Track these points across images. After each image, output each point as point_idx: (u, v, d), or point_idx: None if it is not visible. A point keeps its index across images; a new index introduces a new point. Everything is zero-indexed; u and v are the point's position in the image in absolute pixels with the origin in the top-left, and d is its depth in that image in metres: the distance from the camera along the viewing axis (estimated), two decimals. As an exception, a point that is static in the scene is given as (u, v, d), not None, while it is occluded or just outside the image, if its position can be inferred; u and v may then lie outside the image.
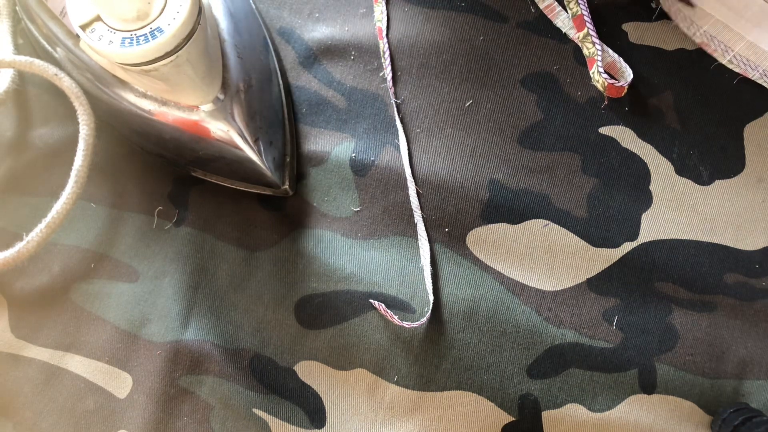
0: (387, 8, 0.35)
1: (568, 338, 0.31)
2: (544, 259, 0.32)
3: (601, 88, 0.31)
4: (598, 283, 0.32)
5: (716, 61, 0.33)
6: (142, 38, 0.25)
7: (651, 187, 0.33)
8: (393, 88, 0.34)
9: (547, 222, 0.32)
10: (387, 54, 0.33)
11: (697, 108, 0.33)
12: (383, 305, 0.31)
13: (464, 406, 0.31)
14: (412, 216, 0.33)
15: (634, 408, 0.31)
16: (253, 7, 0.35)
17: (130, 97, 0.30)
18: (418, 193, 0.33)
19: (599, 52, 0.32)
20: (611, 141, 0.33)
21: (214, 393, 0.32)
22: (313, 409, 0.32)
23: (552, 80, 0.34)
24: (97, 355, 0.33)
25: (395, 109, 0.34)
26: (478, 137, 0.34)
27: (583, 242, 0.32)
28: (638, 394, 0.31)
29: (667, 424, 0.30)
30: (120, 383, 0.32)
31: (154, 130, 0.31)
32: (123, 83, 0.30)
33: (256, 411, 0.32)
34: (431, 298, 0.32)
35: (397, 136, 0.34)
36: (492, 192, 0.33)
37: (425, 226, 0.33)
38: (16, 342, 0.33)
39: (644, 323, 0.31)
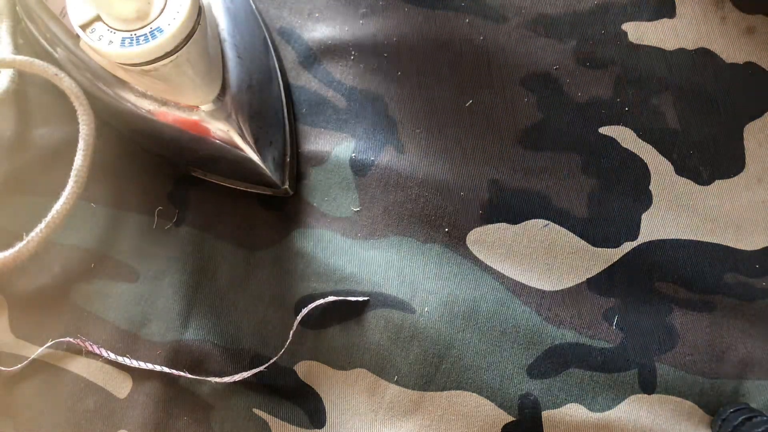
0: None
1: (568, 338, 0.31)
2: (544, 259, 0.32)
3: None
4: (598, 283, 0.32)
5: (717, 61, 0.33)
6: (142, 38, 0.25)
7: (651, 187, 0.33)
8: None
9: (547, 222, 0.32)
10: None
11: (697, 108, 0.33)
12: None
13: (464, 406, 0.31)
14: (412, 216, 0.33)
15: (634, 408, 0.31)
16: (253, 7, 0.35)
17: (130, 97, 0.30)
18: (418, 193, 0.33)
19: None
20: (611, 141, 0.33)
21: (214, 393, 0.32)
22: (313, 409, 0.32)
23: (552, 80, 0.34)
24: (97, 355, 0.33)
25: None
26: (478, 137, 0.34)
27: (583, 242, 0.32)
28: (638, 394, 0.31)
29: (667, 424, 0.30)
30: (120, 383, 0.32)
31: (154, 130, 0.31)
32: (123, 83, 0.30)
33: (256, 411, 0.32)
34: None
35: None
36: (492, 192, 0.33)
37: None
38: (16, 342, 0.33)
39: (644, 323, 0.31)
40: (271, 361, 0.32)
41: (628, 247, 0.32)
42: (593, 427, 0.30)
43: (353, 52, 0.35)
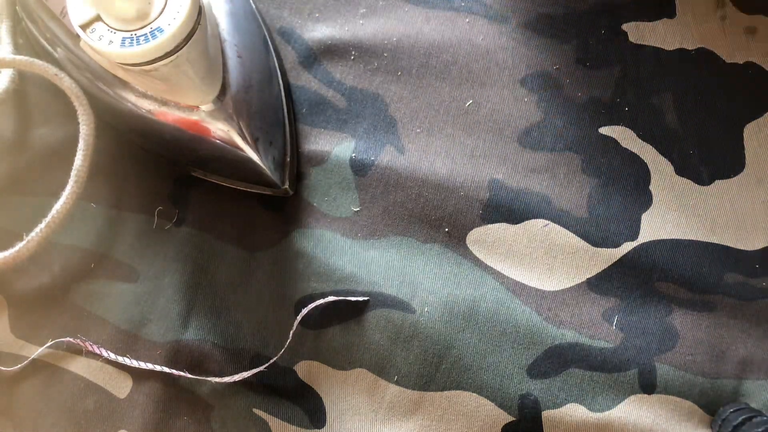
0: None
1: (568, 338, 0.31)
2: (544, 259, 0.32)
3: None
4: (598, 283, 0.32)
5: (717, 61, 0.33)
6: (142, 38, 0.25)
7: (651, 187, 0.33)
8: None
9: (547, 222, 0.32)
10: None
11: (697, 108, 0.33)
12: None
13: (464, 406, 0.31)
14: (412, 216, 0.33)
15: (634, 408, 0.31)
16: (253, 7, 0.35)
17: (130, 97, 0.30)
18: (418, 193, 0.33)
19: None
20: (611, 141, 0.33)
21: (214, 393, 0.32)
22: (313, 409, 0.32)
23: (552, 80, 0.34)
24: (97, 355, 0.33)
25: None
26: (478, 137, 0.34)
27: (583, 242, 0.32)
28: (638, 394, 0.31)
29: (667, 424, 0.30)
30: (120, 383, 0.32)
31: (154, 130, 0.31)
32: (123, 83, 0.30)
33: (256, 411, 0.32)
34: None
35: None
36: (492, 192, 0.33)
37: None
38: (16, 342, 0.33)
39: (644, 323, 0.31)
40: (271, 361, 0.32)
41: (628, 247, 0.32)
42: (593, 427, 0.30)
43: (353, 52, 0.35)
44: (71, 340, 0.32)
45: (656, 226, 0.32)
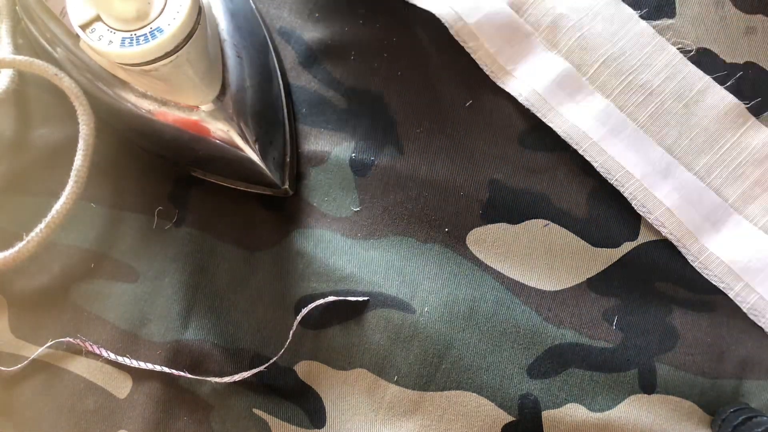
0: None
1: (568, 338, 0.31)
2: (544, 259, 0.32)
3: None
4: (598, 283, 0.32)
5: (717, 61, 0.33)
6: (142, 38, 0.25)
7: (651, 187, 0.33)
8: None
9: (547, 222, 0.32)
10: None
11: (697, 108, 0.33)
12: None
13: (464, 406, 0.31)
14: (412, 216, 0.33)
15: (634, 408, 0.31)
16: (253, 7, 0.35)
17: (130, 97, 0.30)
18: (418, 193, 0.33)
19: None
20: (611, 141, 0.33)
21: (214, 393, 0.32)
22: (313, 409, 0.32)
23: (552, 80, 0.34)
24: (97, 355, 0.33)
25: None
26: (478, 137, 0.34)
27: (583, 242, 0.32)
28: (638, 394, 0.31)
29: (667, 424, 0.30)
30: (120, 383, 0.32)
31: (154, 130, 0.31)
32: (123, 83, 0.30)
33: (256, 411, 0.32)
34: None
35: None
36: (492, 192, 0.33)
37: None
38: (16, 342, 0.33)
39: (644, 323, 0.31)
40: (271, 361, 0.32)
41: (628, 247, 0.32)
42: (593, 427, 0.30)
43: (353, 52, 0.35)
44: (71, 340, 0.32)
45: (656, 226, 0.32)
